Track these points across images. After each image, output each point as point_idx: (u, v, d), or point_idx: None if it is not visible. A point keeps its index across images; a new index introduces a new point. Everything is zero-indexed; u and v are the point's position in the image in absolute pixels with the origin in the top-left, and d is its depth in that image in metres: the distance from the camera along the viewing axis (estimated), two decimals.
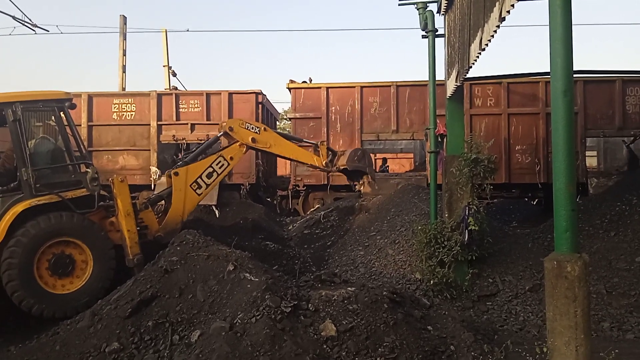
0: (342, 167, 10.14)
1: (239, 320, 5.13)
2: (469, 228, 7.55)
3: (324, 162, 10.14)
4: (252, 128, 9.19)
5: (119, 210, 7.64)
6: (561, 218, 3.94)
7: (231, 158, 8.92)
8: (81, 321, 5.88)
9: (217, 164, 8.74)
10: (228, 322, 5.15)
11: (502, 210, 14.49)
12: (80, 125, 14.13)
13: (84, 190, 7.52)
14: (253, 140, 9.13)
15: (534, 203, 16.13)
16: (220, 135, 9.31)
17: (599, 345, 4.95)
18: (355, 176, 10.32)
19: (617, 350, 4.23)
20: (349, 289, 5.85)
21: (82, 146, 7.92)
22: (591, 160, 18.38)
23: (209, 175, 8.64)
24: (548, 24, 3.97)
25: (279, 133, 9.97)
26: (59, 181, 7.48)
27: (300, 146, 10.08)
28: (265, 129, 9.39)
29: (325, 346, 5.12)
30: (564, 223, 3.95)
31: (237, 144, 9.06)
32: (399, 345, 5.26)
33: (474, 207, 7.73)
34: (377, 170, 17.34)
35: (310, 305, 5.53)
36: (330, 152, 10.27)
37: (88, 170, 7.58)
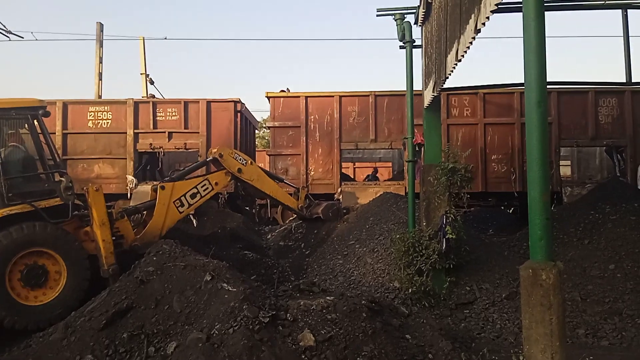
0: (315, 216, 11.33)
1: (216, 331, 5.07)
2: (447, 236, 7.61)
3: (299, 205, 11.23)
4: (240, 159, 9.77)
5: (93, 220, 7.53)
6: (536, 226, 4.00)
7: (216, 183, 9.29)
8: (54, 333, 5.75)
9: (202, 186, 9.00)
10: (205, 333, 5.08)
11: (479, 219, 14.62)
12: (55, 133, 13.91)
13: (58, 199, 7.38)
14: (239, 170, 9.70)
15: (510, 211, 16.34)
16: (209, 160, 9.77)
17: (574, 352, 5.01)
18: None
19: (591, 357, 4.29)
20: (328, 298, 5.83)
21: (55, 154, 7.80)
22: (565, 170, 18.76)
23: (193, 196, 8.84)
24: (522, 35, 4.05)
25: (263, 170, 10.64)
26: (32, 190, 7.34)
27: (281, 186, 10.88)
28: (251, 163, 10.01)
29: (303, 356, 5.08)
30: (538, 231, 4.00)
31: (224, 171, 9.54)
32: (378, 354, 5.26)
33: (452, 216, 7.80)
34: (367, 179, 18.46)
35: (288, 315, 5.49)
36: (307, 199, 11.34)
37: (62, 179, 7.45)
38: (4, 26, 18.18)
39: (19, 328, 6.69)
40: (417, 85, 8.97)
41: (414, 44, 8.86)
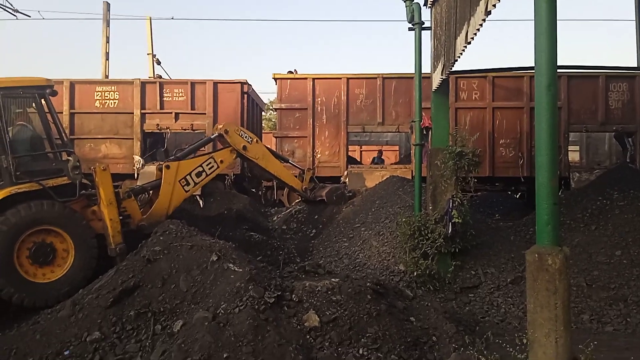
0: (319, 198, 11.28)
1: (222, 311, 5.12)
2: (453, 220, 7.61)
3: (304, 187, 11.17)
4: (246, 137, 9.67)
5: (101, 199, 7.57)
6: (543, 211, 3.99)
7: (221, 161, 9.23)
8: (62, 310, 5.84)
9: (207, 165, 8.96)
10: (211, 312, 5.14)
11: (486, 203, 14.59)
12: (62, 112, 13.93)
13: (66, 178, 7.41)
14: (244, 148, 9.59)
15: (517, 196, 16.29)
16: (215, 137, 9.66)
17: (578, 337, 5.02)
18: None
19: (595, 342, 4.30)
20: (333, 280, 5.87)
21: (63, 134, 7.82)
22: (574, 155, 18.64)
23: (198, 174, 8.82)
24: (533, 18, 4.00)
25: (269, 149, 10.49)
26: (39, 169, 7.37)
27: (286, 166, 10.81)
28: (257, 141, 9.92)
29: (308, 336, 5.14)
30: (545, 216, 4.00)
31: (229, 149, 9.47)
32: (382, 336, 5.31)
33: (458, 200, 7.79)
34: (373, 162, 18.34)
35: (293, 296, 5.54)
36: (312, 182, 11.28)
37: (69, 158, 7.47)
38: (11, 4, 18.17)
39: (28, 305, 6.78)
40: (426, 68, 8.90)
41: (423, 26, 8.76)
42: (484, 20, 5.05)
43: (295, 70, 14.95)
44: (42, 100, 7.54)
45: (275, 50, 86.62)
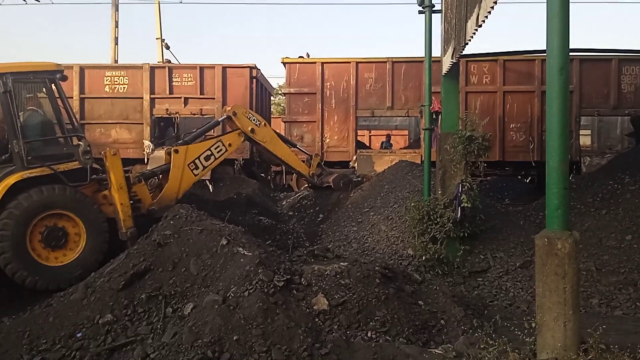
0: (326, 184, 11.27)
1: (231, 294, 5.17)
2: (462, 205, 7.60)
3: (311, 172, 11.12)
4: (254, 120, 9.63)
5: (111, 184, 7.62)
6: (553, 196, 3.98)
7: (229, 144, 9.22)
8: (74, 293, 5.91)
9: (215, 148, 8.96)
10: (221, 295, 5.19)
11: (495, 188, 14.53)
12: (72, 97, 13.98)
13: (77, 163, 7.46)
14: (252, 130, 9.54)
15: (527, 181, 16.21)
16: (223, 119, 9.66)
17: (587, 321, 5.02)
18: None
19: (604, 326, 4.30)
20: (342, 264, 5.89)
21: (74, 119, 7.86)
22: (585, 139, 18.46)
23: (207, 158, 8.83)
24: (545, 1, 3.95)
25: (277, 134, 10.46)
26: (50, 154, 7.43)
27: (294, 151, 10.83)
28: (265, 125, 9.86)
29: (317, 320, 5.18)
30: (555, 201, 3.98)
31: (237, 131, 9.44)
32: (390, 319, 5.34)
33: (467, 185, 7.77)
34: (381, 146, 18.21)
35: (302, 279, 5.58)
36: (320, 167, 11.25)
37: (80, 143, 7.51)
38: None
39: (40, 288, 6.88)
40: (436, 52, 8.82)
41: (433, 9, 8.67)
42: (495, 2, 4.99)
43: (307, 54, 14.87)
44: (53, 85, 7.57)
45: (285, 35, 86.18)
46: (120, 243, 7.49)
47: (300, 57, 14.69)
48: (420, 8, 8.79)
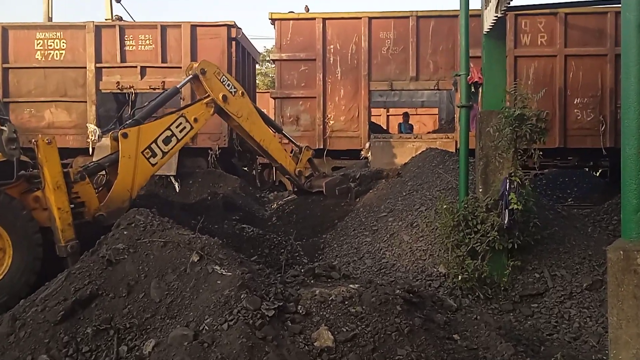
0: (316, 189, 10.96)
1: (206, 327, 5.19)
2: (510, 207, 7.61)
3: (297, 170, 10.85)
4: (229, 85, 9.36)
5: (46, 182, 7.64)
6: (631, 194, 3.99)
7: (195, 120, 8.99)
8: None
9: (177, 127, 8.80)
10: (192, 329, 5.21)
11: (555, 184, 14.57)
12: None
13: None
14: (224, 98, 9.28)
15: (597, 174, 16.24)
16: (187, 80, 9.36)
17: None
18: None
19: None
20: (351, 286, 5.91)
21: None
22: None
23: (167, 141, 8.65)
24: None
25: (259, 111, 10.25)
26: None
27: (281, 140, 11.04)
28: (243, 94, 9.64)
29: None
30: (634, 201, 3.99)
31: (204, 101, 9.19)
32: (416, 358, 5.35)
33: (518, 180, 7.77)
34: (399, 129, 18.05)
35: (300, 307, 5.59)
36: (311, 165, 11.08)
37: (3, 128, 7.53)
38: None
39: None
40: (475, 4, 8.82)
41: None
42: None
43: (306, 7, 14.81)
44: None
45: None
46: (59, 260, 7.51)
47: (290, 12, 14.62)
48: None
